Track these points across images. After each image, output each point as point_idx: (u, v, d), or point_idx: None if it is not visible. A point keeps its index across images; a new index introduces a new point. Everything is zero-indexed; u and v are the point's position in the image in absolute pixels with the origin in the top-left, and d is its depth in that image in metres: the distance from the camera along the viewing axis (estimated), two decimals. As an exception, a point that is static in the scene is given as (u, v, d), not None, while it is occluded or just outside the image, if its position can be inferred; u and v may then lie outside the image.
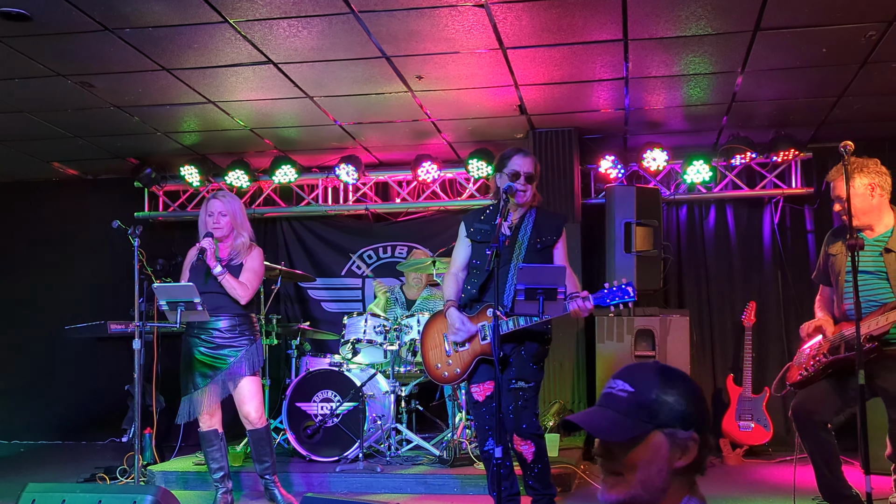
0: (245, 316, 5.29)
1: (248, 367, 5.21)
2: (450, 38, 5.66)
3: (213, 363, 5.19)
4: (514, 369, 4.44)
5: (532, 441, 4.41)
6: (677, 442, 1.78)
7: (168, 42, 5.68)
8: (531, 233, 4.53)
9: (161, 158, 8.58)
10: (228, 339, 5.20)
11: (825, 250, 4.68)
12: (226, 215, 5.22)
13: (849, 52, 5.85)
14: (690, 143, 8.03)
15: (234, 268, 5.22)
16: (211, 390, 5.19)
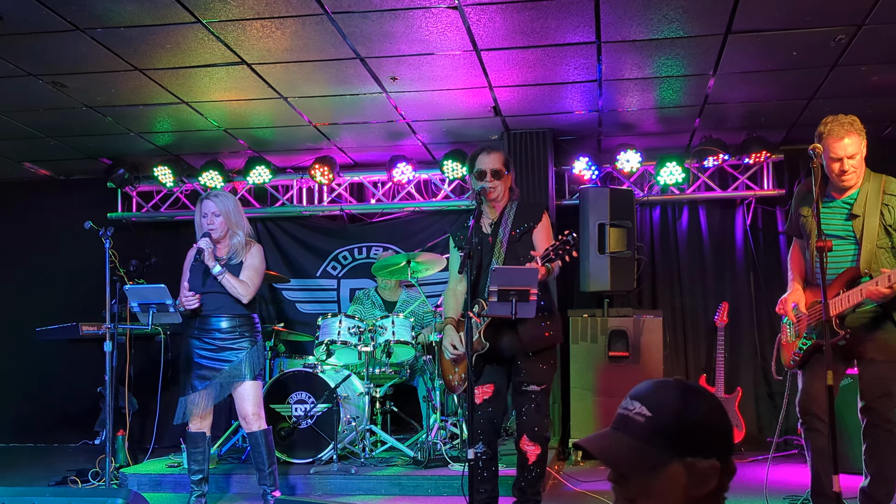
0: (246, 316, 5.26)
1: (248, 370, 5.16)
2: (424, 40, 5.66)
3: (213, 365, 5.15)
4: (524, 372, 4.51)
5: (539, 444, 4.48)
6: (696, 472, 1.67)
7: (140, 42, 5.65)
8: (510, 225, 4.57)
9: (134, 159, 8.53)
10: (229, 341, 5.17)
11: (796, 208, 4.62)
12: (219, 215, 5.20)
13: (819, 55, 5.91)
14: (664, 144, 8.08)
15: (233, 266, 5.20)
16: (208, 393, 5.16)
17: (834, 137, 4.31)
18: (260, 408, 5.26)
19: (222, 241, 5.27)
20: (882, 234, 4.32)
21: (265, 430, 5.26)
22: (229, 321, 5.20)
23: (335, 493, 5.91)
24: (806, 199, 4.55)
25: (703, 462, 1.67)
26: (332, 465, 6.17)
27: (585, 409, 7.14)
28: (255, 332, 5.29)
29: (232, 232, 5.25)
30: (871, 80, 6.36)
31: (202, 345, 5.19)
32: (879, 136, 7.80)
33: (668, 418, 1.69)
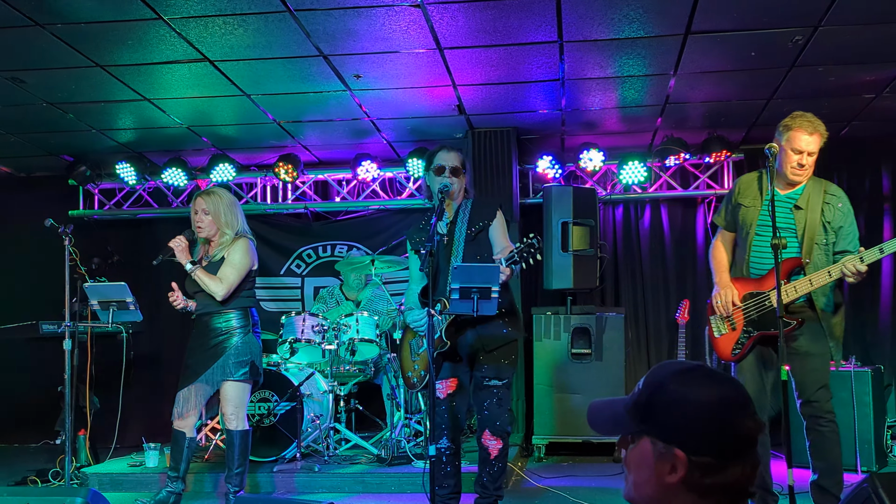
0: (236, 310, 5.19)
1: (231, 369, 5.10)
2: (387, 38, 5.67)
3: (200, 364, 5.13)
4: (486, 367, 4.53)
5: (501, 438, 4.51)
6: (661, 454, 1.63)
7: (101, 38, 5.60)
8: (466, 225, 4.60)
9: (96, 156, 8.44)
10: (216, 339, 5.13)
11: (735, 198, 4.70)
12: (208, 213, 5.19)
13: (777, 55, 5.99)
14: (626, 143, 8.15)
15: (214, 264, 5.16)
16: (193, 391, 5.14)
17: (802, 131, 4.44)
18: (239, 408, 5.20)
19: (213, 239, 5.27)
20: (821, 231, 4.48)
21: (242, 431, 5.22)
22: (217, 319, 5.17)
23: (298, 492, 5.90)
24: (747, 192, 4.65)
25: (661, 445, 1.63)
26: (295, 463, 6.17)
27: (549, 405, 7.19)
28: (246, 325, 5.21)
29: (221, 231, 5.24)
30: (829, 80, 6.46)
31: (193, 343, 5.21)
32: (837, 136, 7.91)
33: (646, 391, 1.68)
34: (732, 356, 4.58)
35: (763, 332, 4.47)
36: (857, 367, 6.42)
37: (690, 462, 1.60)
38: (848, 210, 4.58)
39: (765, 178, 4.57)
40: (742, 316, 4.54)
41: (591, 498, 5.49)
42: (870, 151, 8.00)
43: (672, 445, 1.61)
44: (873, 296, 7.89)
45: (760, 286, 4.49)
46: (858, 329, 7.87)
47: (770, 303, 4.41)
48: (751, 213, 4.58)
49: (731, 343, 4.59)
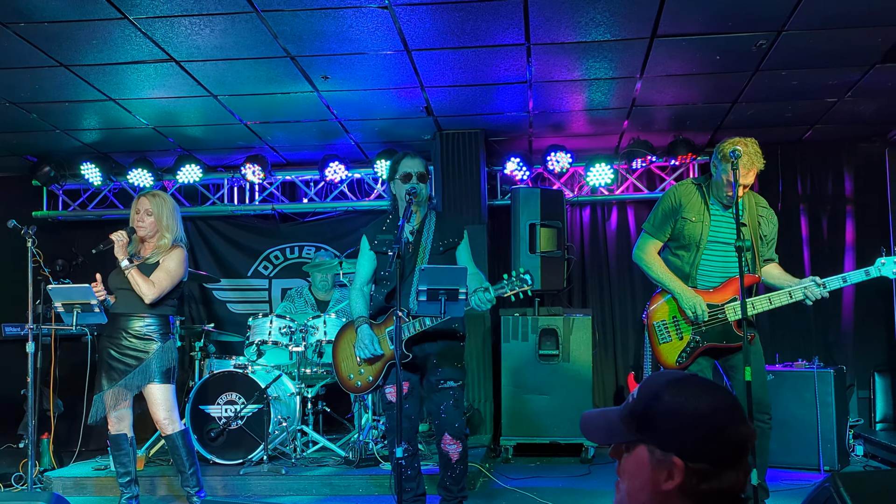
0: (157, 316, 5.13)
1: (156, 373, 5.04)
2: (355, 39, 5.67)
3: (120, 366, 5.03)
4: (441, 370, 4.52)
5: (461, 441, 4.51)
6: (659, 462, 1.66)
7: (66, 38, 5.55)
8: (433, 236, 4.59)
9: (61, 156, 8.36)
10: (137, 341, 5.05)
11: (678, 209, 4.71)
12: (151, 214, 5.13)
13: (741, 59, 6.06)
14: (593, 145, 8.20)
15: (148, 266, 5.09)
16: (117, 392, 5.03)
17: (746, 168, 4.48)
18: (171, 410, 5.12)
19: (150, 240, 5.20)
20: (758, 244, 4.64)
21: (181, 432, 5.15)
22: (139, 321, 5.08)
23: (265, 494, 5.88)
24: (690, 206, 4.71)
25: (659, 453, 1.66)
26: (262, 465, 6.14)
27: (516, 407, 7.20)
28: (166, 332, 5.16)
29: (160, 234, 5.18)
30: (792, 84, 6.54)
31: (111, 344, 5.07)
32: (800, 139, 8.03)
33: (641, 401, 1.71)
34: (676, 364, 4.63)
35: (714, 345, 4.55)
36: (820, 368, 6.50)
37: (688, 469, 1.63)
38: (776, 221, 4.80)
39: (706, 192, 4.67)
40: (690, 326, 4.61)
41: (558, 498, 5.52)
42: (833, 154, 8.11)
43: (670, 453, 1.64)
44: (836, 297, 7.99)
45: (713, 298, 4.57)
46: (821, 330, 7.98)
47: (724, 316, 4.52)
48: (698, 227, 4.65)
49: (677, 351, 4.63)
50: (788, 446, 6.45)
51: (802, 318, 8.00)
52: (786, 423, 6.48)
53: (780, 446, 6.46)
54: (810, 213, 8.11)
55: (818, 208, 8.12)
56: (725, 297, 4.54)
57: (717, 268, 4.61)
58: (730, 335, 4.51)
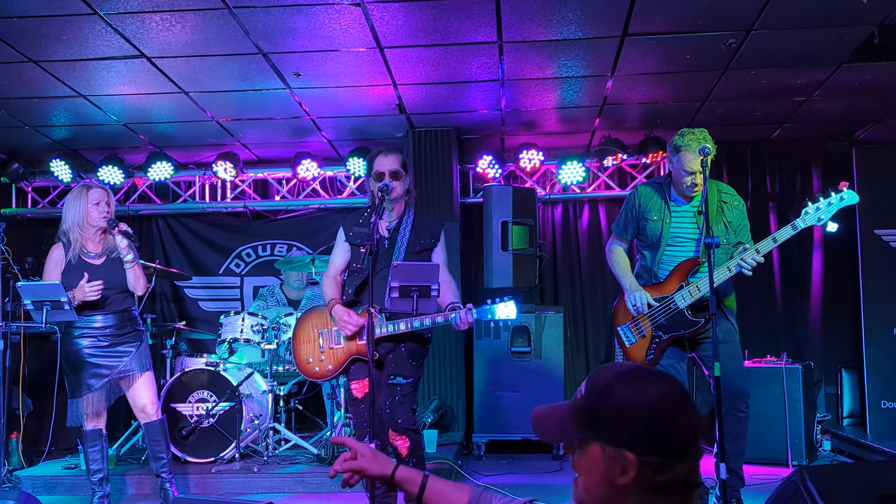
0: (129, 311, 5.17)
1: (142, 363, 5.13)
2: (327, 36, 5.66)
3: (108, 363, 5.04)
4: (393, 366, 4.51)
5: (406, 436, 4.46)
6: (611, 458, 1.66)
7: (35, 33, 5.50)
8: (409, 236, 4.58)
9: (30, 153, 8.28)
10: (121, 336, 5.08)
11: (640, 211, 4.85)
12: (110, 205, 5.10)
13: (711, 58, 6.11)
14: (565, 143, 8.24)
15: (116, 260, 5.08)
16: (104, 391, 5.08)
17: (691, 153, 4.52)
18: (155, 396, 5.24)
19: (102, 231, 5.13)
20: (721, 231, 4.68)
21: (162, 420, 5.24)
22: (118, 317, 5.10)
23: (237, 492, 5.86)
24: (651, 206, 4.82)
25: (611, 450, 1.66)
26: (234, 463, 6.12)
27: (489, 404, 7.23)
28: (139, 325, 5.23)
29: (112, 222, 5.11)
30: (761, 83, 6.61)
31: (94, 342, 5.03)
32: (769, 138, 8.12)
33: (589, 398, 1.71)
34: (646, 363, 4.69)
35: (673, 335, 4.63)
36: (789, 364, 6.58)
37: (640, 463, 1.63)
38: (742, 206, 4.83)
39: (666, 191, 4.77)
40: (649, 322, 4.68)
41: (530, 495, 5.53)
42: (801, 153, 8.21)
43: (622, 449, 1.65)
44: (804, 294, 8.10)
45: (662, 290, 4.67)
46: (789, 326, 8.08)
47: (675, 305, 4.61)
48: (658, 225, 4.75)
49: (644, 350, 4.72)
50: (757, 441, 6.49)
51: (772, 316, 8.10)
52: (755, 419, 6.48)
53: (749, 441, 6.43)
54: (779, 212, 8.20)
55: (786, 206, 8.20)
56: (673, 286, 4.64)
57: (675, 264, 4.72)
58: (686, 322, 4.62)
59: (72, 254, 5.02)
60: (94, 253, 5.08)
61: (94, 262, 5.04)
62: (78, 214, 5.03)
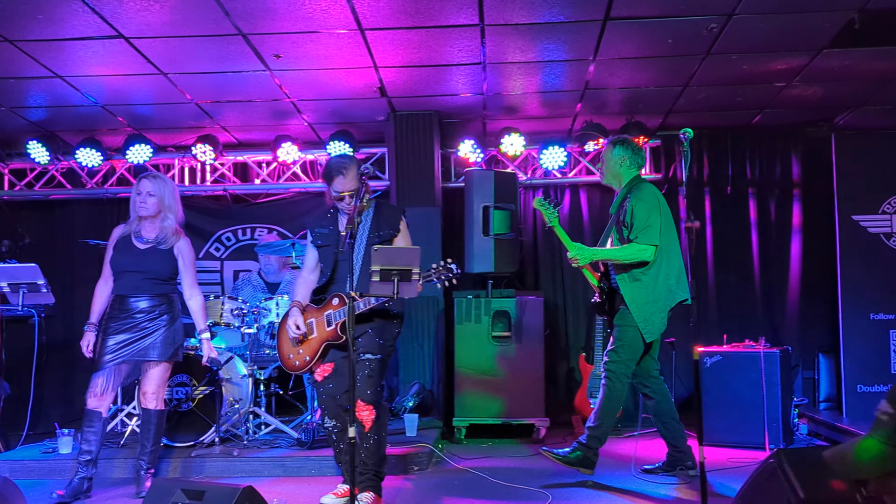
0: (165, 296, 5.32)
1: (161, 351, 5.24)
2: (308, 17, 5.61)
3: (126, 345, 5.18)
4: (362, 344, 4.73)
5: (374, 407, 4.67)
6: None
7: (10, 11, 5.41)
8: (369, 229, 4.79)
9: (6, 135, 8.19)
10: (146, 321, 5.22)
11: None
12: (154, 195, 5.30)
13: (693, 43, 6.11)
14: (547, 128, 8.23)
15: (161, 251, 5.29)
16: (118, 370, 5.21)
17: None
18: (162, 388, 5.35)
19: (153, 220, 5.34)
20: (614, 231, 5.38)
21: (160, 411, 5.34)
22: (149, 301, 5.26)
23: (217, 476, 5.84)
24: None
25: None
26: (214, 447, 6.11)
27: (469, 388, 7.24)
28: (174, 311, 5.36)
29: (164, 215, 5.34)
30: (742, 68, 6.62)
31: (118, 325, 5.21)
32: (749, 123, 8.14)
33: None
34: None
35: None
36: (767, 349, 6.62)
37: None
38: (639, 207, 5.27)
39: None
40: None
41: (510, 477, 5.56)
42: (781, 139, 8.24)
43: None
44: (782, 279, 8.15)
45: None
46: (768, 311, 8.13)
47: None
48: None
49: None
50: (735, 425, 6.57)
51: (750, 300, 8.15)
52: (733, 403, 6.60)
53: (728, 425, 6.58)
54: (759, 197, 8.25)
55: (766, 192, 8.25)
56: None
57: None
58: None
59: (126, 234, 5.33)
60: (145, 238, 5.31)
61: (140, 246, 5.30)
62: (131, 201, 5.38)
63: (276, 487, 5.42)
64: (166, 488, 3.69)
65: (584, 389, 7.48)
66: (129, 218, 5.42)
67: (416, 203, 7.73)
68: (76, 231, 8.50)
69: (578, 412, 7.45)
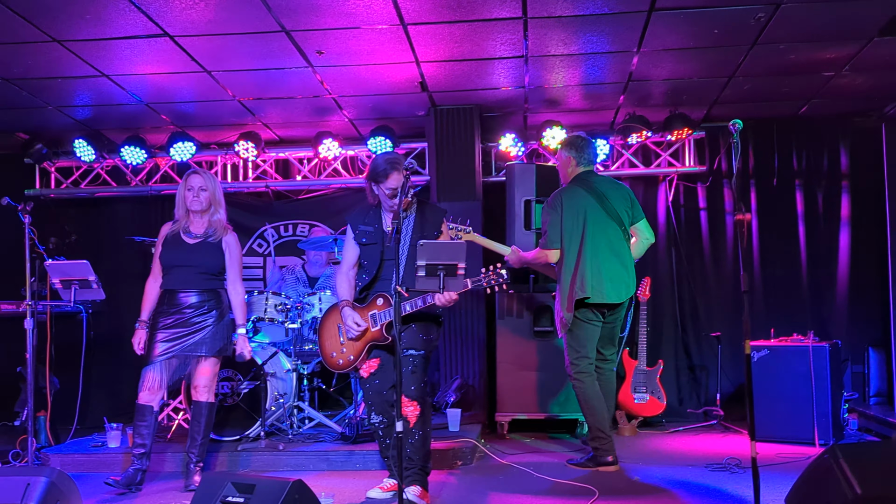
0: (213, 291, 5.39)
1: (210, 346, 5.31)
2: (350, 13, 5.62)
3: (175, 339, 5.26)
4: (405, 340, 4.75)
5: (418, 402, 4.69)
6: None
7: (59, 12, 5.48)
8: (413, 229, 4.78)
9: (53, 133, 8.30)
10: (196, 316, 5.30)
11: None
12: (206, 190, 5.39)
13: (739, 33, 6.03)
14: (589, 121, 8.18)
15: (210, 245, 5.37)
16: (165, 366, 5.27)
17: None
18: (213, 381, 5.42)
19: (204, 215, 5.42)
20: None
21: (211, 404, 5.42)
22: (198, 296, 5.33)
23: (263, 470, 5.88)
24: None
25: None
26: (259, 441, 6.14)
27: (512, 384, 7.22)
28: (223, 306, 5.42)
29: (214, 209, 5.43)
30: (789, 58, 6.52)
31: (167, 319, 5.29)
32: (797, 115, 8.02)
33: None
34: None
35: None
36: (816, 343, 6.52)
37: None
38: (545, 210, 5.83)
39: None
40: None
41: (555, 472, 5.53)
42: (828, 129, 8.11)
43: None
44: (831, 272, 8.02)
45: None
46: (816, 305, 8.01)
47: None
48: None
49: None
50: (783, 420, 6.49)
51: (797, 293, 8.04)
52: (781, 398, 6.52)
53: (775, 420, 6.50)
54: (806, 189, 8.12)
55: (814, 183, 8.13)
56: None
57: None
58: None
59: (175, 230, 5.40)
60: (195, 233, 5.39)
61: (189, 241, 5.39)
62: (179, 197, 5.45)
63: (322, 481, 5.44)
64: (217, 482, 3.71)
65: (627, 384, 7.43)
66: (174, 215, 5.47)
67: (456, 197, 7.72)
68: (121, 228, 8.60)
69: (622, 407, 7.40)
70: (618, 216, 5.72)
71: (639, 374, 7.39)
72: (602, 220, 5.66)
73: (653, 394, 7.33)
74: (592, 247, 5.61)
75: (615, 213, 5.71)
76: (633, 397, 7.35)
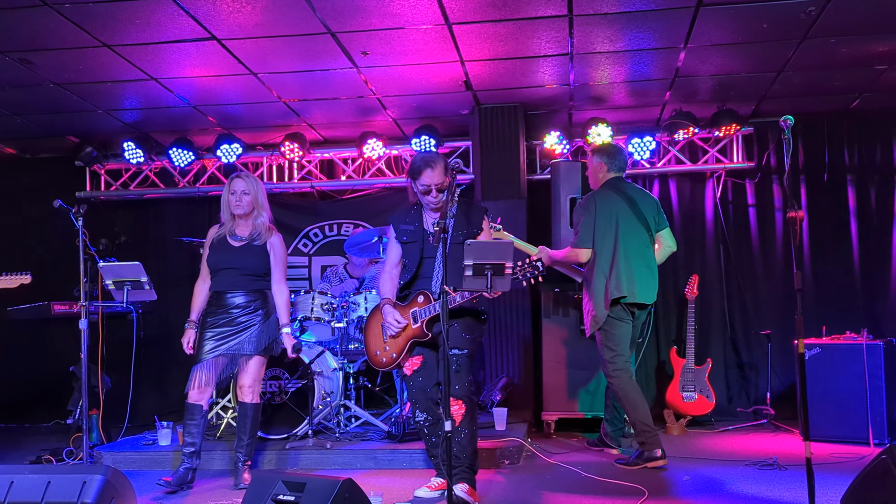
0: (260, 292, 5.46)
1: (256, 346, 5.37)
2: (395, 14, 5.63)
3: (223, 339, 5.34)
4: (449, 339, 4.66)
5: (463, 401, 4.70)
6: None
7: (109, 17, 5.56)
8: (454, 227, 4.78)
9: (102, 136, 8.44)
10: (242, 316, 5.37)
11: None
12: (248, 194, 5.44)
13: (789, 27, 5.94)
14: (634, 118, 8.12)
15: (255, 247, 5.43)
16: (213, 364, 5.34)
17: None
18: (257, 382, 5.48)
19: (247, 219, 5.48)
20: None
21: (256, 404, 5.48)
22: (245, 297, 5.40)
23: (311, 468, 5.92)
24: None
25: None
26: (307, 440, 6.19)
27: (558, 382, 7.20)
28: (268, 307, 5.48)
29: (257, 213, 5.48)
30: (840, 51, 6.41)
31: (214, 319, 5.37)
32: (848, 109, 7.89)
33: None
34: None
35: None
36: (870, 341, 6.41)
37: None
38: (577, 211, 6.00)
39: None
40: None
41: (603, 471, 5.50)
42: (880, 124, 7.97)
43: None
44: (884, 269, 7.88)
45: None
46: (869, 302, 7.88)
47: None
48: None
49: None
50: (836, 420, 6.39)
51: (849, 290, 7.91)
52: (833, 397, 6.42)
53: (828, 419, 6.40)
54: (857, 184, 7.99)
55: (866, 179, 7.98)
56: None
57: None
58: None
59: (221, 234, 5.48)
60: (240, 236, 5.46)
61: (234, 244, 5.45)
62: (223, 200, 5.51)
63: (370, 480, 5.46)
64: (267, 480, 3.73)
65: (675, 383, 7.35)
66: (220, 217, 5.55)
67: (500, 196, 7.71)
68: (169, 229, 8.73)
69: (670, 406, 7.33)
70: (646, 222, 5.90)
71: (687, 373, 7.32)
72: (633, 225, 5.85)
73: (701, 392, 7.25)
74: (624, 249, 5.78)
75: (644, 219, 5.88)
76: (681, 396, 7.28)
